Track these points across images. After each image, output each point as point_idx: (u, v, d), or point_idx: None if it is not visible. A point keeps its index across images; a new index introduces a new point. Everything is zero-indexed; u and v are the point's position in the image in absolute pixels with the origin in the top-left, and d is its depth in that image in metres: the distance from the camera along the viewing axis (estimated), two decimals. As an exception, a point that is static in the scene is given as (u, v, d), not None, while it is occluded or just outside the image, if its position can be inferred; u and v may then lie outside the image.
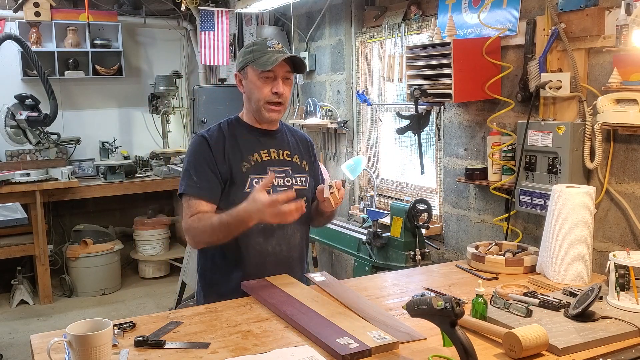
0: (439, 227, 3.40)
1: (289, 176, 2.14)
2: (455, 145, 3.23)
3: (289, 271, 2.14)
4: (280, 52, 2.05)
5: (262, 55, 2.04)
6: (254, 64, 2.05)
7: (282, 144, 2.18)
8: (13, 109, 5.08)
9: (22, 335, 4.43)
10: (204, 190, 2.04)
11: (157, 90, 5.80)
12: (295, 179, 2.15)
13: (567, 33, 2.46)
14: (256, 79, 2.06)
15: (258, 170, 2.09)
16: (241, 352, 1.58)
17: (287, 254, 2.13)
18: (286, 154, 2.17)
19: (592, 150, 2.40)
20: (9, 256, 5.07)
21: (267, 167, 2.10)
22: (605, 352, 1.56)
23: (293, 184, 2.14)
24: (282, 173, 2.13)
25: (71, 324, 1.48)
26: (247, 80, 2.10)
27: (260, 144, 2.14)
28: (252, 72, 2.07)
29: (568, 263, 2.07)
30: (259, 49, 2.06)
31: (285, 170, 2.14)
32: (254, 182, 2.07)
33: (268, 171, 2.09)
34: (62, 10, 5.66)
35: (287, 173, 2.14)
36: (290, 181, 2.13)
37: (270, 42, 2.08)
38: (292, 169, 2.16)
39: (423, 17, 3.42)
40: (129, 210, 6.08)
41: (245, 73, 2.10)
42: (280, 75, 2.06)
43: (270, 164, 2.12)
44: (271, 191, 2.07)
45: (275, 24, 4.92)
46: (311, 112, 4.23)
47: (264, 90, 2.06)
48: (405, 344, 1.60)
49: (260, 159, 2.11)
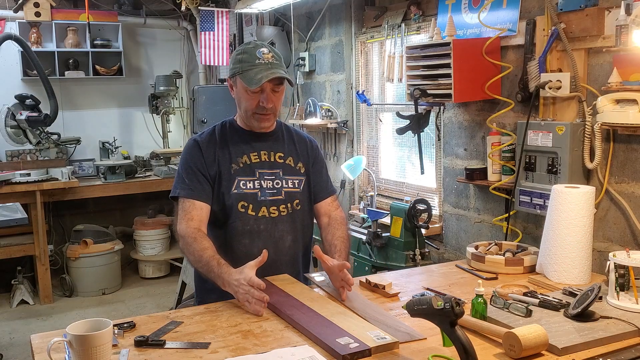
0: (438, 227, 3.40)
1: (279, 179, 2.14)
2: (455, 145, 3.23)
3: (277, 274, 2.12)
4: (268, 64, 2.03)
5: (250, 68, 2.02)
6: (241, 77, 2.05)
7: (275, 145, 2.18)
8: (13, 109, 5.08)
9: (22, 335, 4.43)
10: (196, 192, 2.06)
11: (157, 90, 5.80)
12: (286, 181, 2.15)
13: (567, 33, 2.46)
14: (244, 91, 2.06)
15: (246, 172, 2.11)
16: (241, 352, 1.58)
17: (274, 257, 2.08)
18: (279, 156, 2.17)
19: (592, 150, 2.40)
20: (9, 256, 5.07)
21: (256, 169, 2.12)
22: (605, 352, 1.56)
23: (283, 186, 2.14)
24: (272, 176, 2.13)
25: (71, 324, 1.48)
26: (236, 89, 2.11)
27: (251, 147, 2.14)
28: (241, 84, 2.07)
29: (568, 263, 2.07)
30: (248, 59, 2.04)
31: (275, 173, 2.14)
32: (240, 183, 2.09)
33: (256, 173, 2.10)
34: (62, 10, 5.66)
35: (277, 175, 2.14)
36: (279, 184, 2.13)
37: (260, 51, 2.05)
38: (284, 171, 2.16)
39: (423, 17, 3.42)
40: (129, 210, 6.08)
41: (235, 82, 2.10)
42: (267, 89, 2.05)
43: (260, 166, 2.13)
44: (259, 194, 2.10)
45: (275, 24, 4.92)
46: (311, 112, 4.23)
47: (252, 102, 2.06)
48: (405, 344, 1.60)
49: (249, 161, 2.12)
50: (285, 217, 2.13)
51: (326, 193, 2.27)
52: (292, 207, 2.15)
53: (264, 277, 2.07)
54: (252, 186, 2.10)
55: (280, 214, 2.12)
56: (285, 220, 2.13)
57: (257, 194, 2.10)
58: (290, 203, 2.14)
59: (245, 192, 2.09)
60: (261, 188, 2.10)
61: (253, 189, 2.10)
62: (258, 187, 2.10)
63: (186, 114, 6.36)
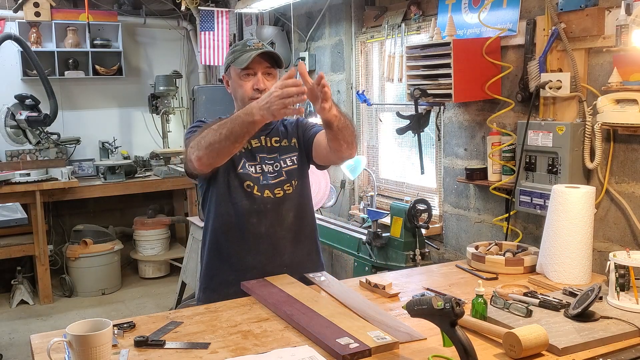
0: (438, 227, 3.40)
1: (277, 161, 2.19)
2: (455, 145, 3.23)
3: (281, 254, 2.16)
4: (257, 49, 2.10)
5: (241, 54, 2.11)
6: (234, 64, 2.12)
7: (272, 131, 2.24)
8: (13, 109, 5.08)
9: (22, 335, 4.43)
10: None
11: (157, 90, 5.80)
12: (284, 160, 2.20)
13: (567, 33, 2.46)
14: (237, 77, 2.13)
15: (248, 156, 2.16)
16: (241, 352, 1.58)
17: (280, 234, 2.16)
18: (274, 140, 2.23)
19: (592, 150, 2.40)
20: (9, 256, 5.07)
21: (257, 154, 2.17)
22: (605, 352, 1.56)
23: (282, 167, 2.19)
24: (272, 160, 2.19)
25: (71, 324, 1.48)
26: (231, 80, 2.18)
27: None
28: (234, 72, 2.14)
29: (568, 263, 2.07)
30: (240, 49, 2.13)
31: (274, 157, 2.20)
32: (246, 164, 2.14)
33: (257, 158, 2.17)
34: (62, 10, 5.66)
35: (275, 159, 2.20)
36: (278, 165, 2.19)
37: (250, 41, 2.15)
38: (280, 152, 2.21)
39: (423, 17, 3.42)
40: (129, 210, 6.07)
41: (229, 73, 2.18)
42: (260, 71, 2.11)
43: (261, 150, 2.18)
44: (261, 177, 2.14)
45: (275, 24, 4.92)
46: (311, 112, 4.23)
47: (246, 87, 2.12)
48: (405, 344, 1.60)
49: (250, 146, 2.17)
50: (290, 195, 2.18)
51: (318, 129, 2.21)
52: (294, 184, 2.20)
53: (268, 268, 2.13)
54: (254, 170, 2.15)
55: (285, 192, 2.17)
56: (289, 198, 2.18)
57: (260, 178, 2.15)
58: (293, 180, 2.19)
59: (250, 173, 2.14)
60: (263, 172, 2.16)
61: (255, 173, 2.15)
62: (260, 171, 2.16)
63: (186, 114, 6.36)
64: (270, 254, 2.15)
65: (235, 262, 2.15)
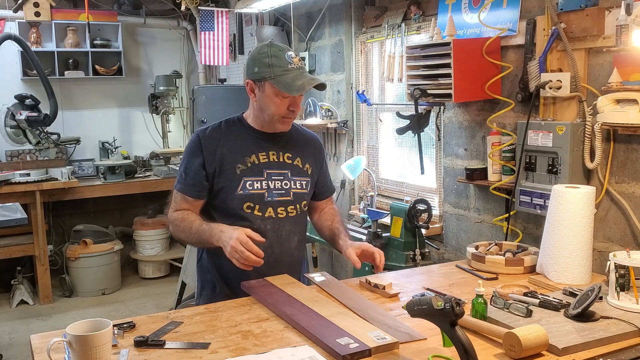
0: (438, 227, 3.40)
1: (287, 179, 2.13)
2: (455, 145, 3.23)
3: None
4: (300, 69, 2.01)
5: (284, 73, 1.97)
6: (274, 82, 1.98)
7: (285, 146, 2.16)
8: (13, 109, 5.08)
9: (22, 335, 4.43)
10: (188, 187, 2.11)
11: (157, 90, 5.80)
12: (294, 182, 2.14)
13: (567, 33, 2.46)
14: (274, 96, 2.01)
15: (254, 172, 2.08)
16: (241, 352, 1.58)
17: (278, 257, 2.11)
18: (287, 156, 2.14)
19: (592, 150, 2.40)
20: (9, 256, 5.07)
21: (264, 169, 2.09)
22: (605, 352, 1.56)
23: (291, 187, 2.13)
24: (280, 176, 2.11)
25: (71, 324, 1.48)
26: (262, 94, 2.03)
27: (260, 147, 2.12)
28: (271, 89, 2.00)
29: (568, 263, 2.07)
30: (279, 64, 1.98)
31: (283, 173, 2.12)
32: (247, 184, 2.07)
33: (264, 173, 2.09)
34: (62, 10, 5.66)
35: (285, 176, 2.12)
36: (288, 184, 2.12)
37: (288, 54, 2.01)
38: (292, 171, 2.14)
39: (423, 17, 3.42)
40: (129, 210, 6.07)
41: (262, 86, 2.01)
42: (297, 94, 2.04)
43: (269, 166, 2.11)
44: (266, 194, 2.09)
45: (275, 24, 4.92)
46: (311, 112, 4.23)
47: (282, 107, 2.03)
48: (405, 344, 1.60)
49: (257, 160, 2.10)
50: (293, 218, 2.13)
51: (329, 192, 2.33)
52: (300, 208, 2.15)
53: (266, 277, 2.08)
54: (260, 186, 2.08)
55: (288, 214, 2.12)
56: (292, 221, 2.13)
57: (265, 195, 2.08)
58: (298, 204, 2.14)
59: (252, 192, 2.07)
60: (269, 189, 2.09)
61: (260, 189, 2.08)
62: (265, 187, 2.08)
63: (186, 114, 6.36)
64: (262, 275, 2.09)
65: (232, 280, 2.11)
